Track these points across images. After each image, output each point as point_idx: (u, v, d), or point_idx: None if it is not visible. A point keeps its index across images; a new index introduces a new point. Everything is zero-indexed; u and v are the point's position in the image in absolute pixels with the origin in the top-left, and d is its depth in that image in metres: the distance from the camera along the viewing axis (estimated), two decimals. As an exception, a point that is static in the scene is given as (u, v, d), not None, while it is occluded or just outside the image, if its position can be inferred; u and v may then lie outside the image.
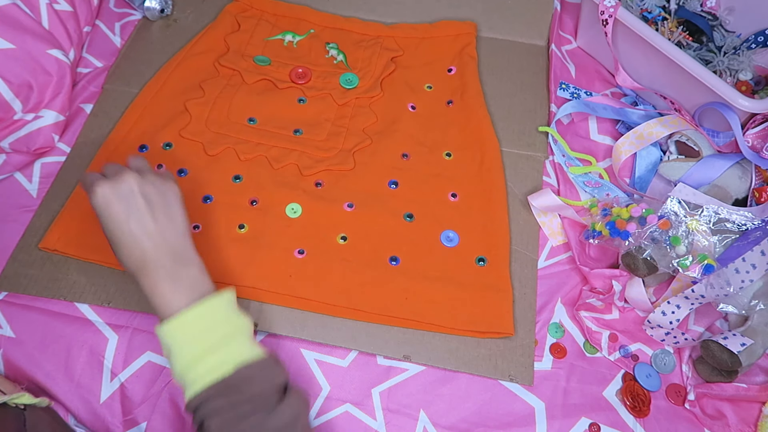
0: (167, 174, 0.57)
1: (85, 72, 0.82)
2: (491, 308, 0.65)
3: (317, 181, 0.74)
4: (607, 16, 0.75)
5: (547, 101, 0.82)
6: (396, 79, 0.83)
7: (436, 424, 0.61)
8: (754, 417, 0.62)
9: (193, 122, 0.77)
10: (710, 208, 0.64)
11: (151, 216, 0.52)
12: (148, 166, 0.57)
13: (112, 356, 0.63)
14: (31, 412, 0.55)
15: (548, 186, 0.75)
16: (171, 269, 0.51)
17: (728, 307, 0.62)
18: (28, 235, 0.68)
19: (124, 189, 0.52)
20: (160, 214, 0.52)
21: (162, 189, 0.54)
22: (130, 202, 0.52)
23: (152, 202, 0.52)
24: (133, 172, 0.53)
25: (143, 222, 0.51)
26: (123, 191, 0.52)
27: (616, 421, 0.62)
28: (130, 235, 0.51)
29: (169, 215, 0.53)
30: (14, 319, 0.64)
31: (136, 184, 0.52)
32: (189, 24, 0.88)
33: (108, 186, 0.52)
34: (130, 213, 0.51)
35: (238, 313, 0.53)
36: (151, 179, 0.54)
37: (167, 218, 0.53)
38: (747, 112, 0.68)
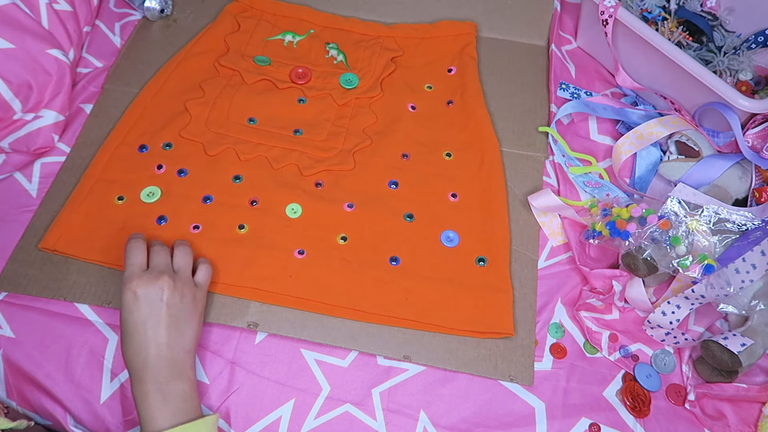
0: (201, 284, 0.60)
1: (85, 72, 0.82)
2: (491, 308, 0.65)
3: (317, 181, 0.74)
4: (607, 16, 0.75)
5: (547, 101, 0.82)
6: (396, 79, 0.83)
7: (436, 424, 0.61)
8: (754, 417, 0.62)
9: (193, 122, 0.76)
10: (710, 208, 0.64)
11: (166, 327, 0.54)
12: (190, 266, 0.60)
13: (112, 356, 0.62)
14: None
15: (548, 186, 0.75)
16: (164, 383, 0.53)
17: (728, 307, 0.62)
18: (28, 235, 0.68)
19: (154, 294, 0.55)
20: (174, 328, 0.55)
21: (188, 303, 0.57)
22: (154, 309, 0.54)
23: (173, 314, 0.55)
24: (170, 279, 0.56)
25: (157, 331, 0.54)
26: (152, 296, 0.55)
27: (616, 421, 0.62)
28: (141, 339, 0.54)
29: (182, 330, 0.56)
30: (14, 319, 0.64)
31: (167, 294, 0.55)
32: (189, 24, 0.88)
33: (142, 285, 0.55)
34: (149, 318, 0.54)
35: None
36: (182, 291, 0.57)
37: (179, 333, 0.55)
38: (747, 112, 0.68)
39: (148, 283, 0.55)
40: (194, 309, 0.58)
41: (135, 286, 0.55)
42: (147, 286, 0.55)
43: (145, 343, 0.54)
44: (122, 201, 0.70)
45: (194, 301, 0.58)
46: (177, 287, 0.56)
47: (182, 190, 0.72)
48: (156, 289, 0.55)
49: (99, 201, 0.70)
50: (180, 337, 0.55)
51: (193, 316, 0.57)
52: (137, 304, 0.54)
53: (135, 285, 0.55)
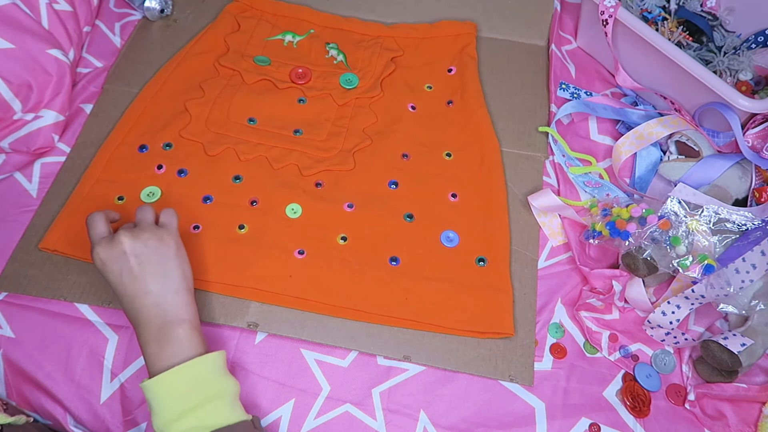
0: (166, 224, 0.59)
1: (85, 72, 0.82)
2: (491, 308, 0.65)
3: (317, 181, 0.74)
4: (607, 16, 0.75)
5: (547, 101, 0.82)
6: (396, 79, 0.83)
7: (436, 424, 0.61)
8: (754, 417, 0.62)
9: (193, 122, 0.76)
10: (710, 208, 0.64)
11: (142, 276, 0.54)
12: (150, 217, 0.59)
13: (112, 356, 0.62)
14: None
15: (548, 186, 0.75)
16: (160, 328, 0.54)
17: (728, 307, 0.62)
18: (28, 235, 0.68)
19: (116, 251, 0.55)
20: (151, 273, 0.55)
21: (154, 246, 0.56)
22: (123, 264, 0.55)
23: (144, 262, 0.55)
24: (127, 232, 0.56)
25: (136, 282, 0.54)
26: (116, 253, 0.55)
27: (616, 421, 0.62)
28: (125, 294, 0.55)
29: (161, 273, 0.55)
30: (14, 319, 0.64)
31: (128, 245, 0.55)
32: (189, 24, 0.88)
33: (102, 248, 0.55)
34: (122, 273, 0.55)
35: (222, 376, 0.54)
36: (143, 237, 0.56)
37: (160, 276, 0.55)
38: (747, 112, 0.68)
39: (108, 244, 0.55)
40: (166, 249, 0.56)
41: (98, 252, 0.55)
42: (108, 247, 0.55)
43: (131, 297, 0.54)
44: (122, 201, 0.70)
45: (162, 242, 0.56)
46: (136, 235, 0.56)
47: (182, 190, 0.72)
48: (116, 245, 0.55)
49: (99, 201, 0.70)
50: (161, 280, 0.55)
51: (167, 257, 0.56)
52: (107, 266, 0.55)
53: (97, 251, 0.55)
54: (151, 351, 0.53)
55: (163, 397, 0.51)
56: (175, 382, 0.52)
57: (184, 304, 0.56)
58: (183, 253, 0.59)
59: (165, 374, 0.51)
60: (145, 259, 0.55)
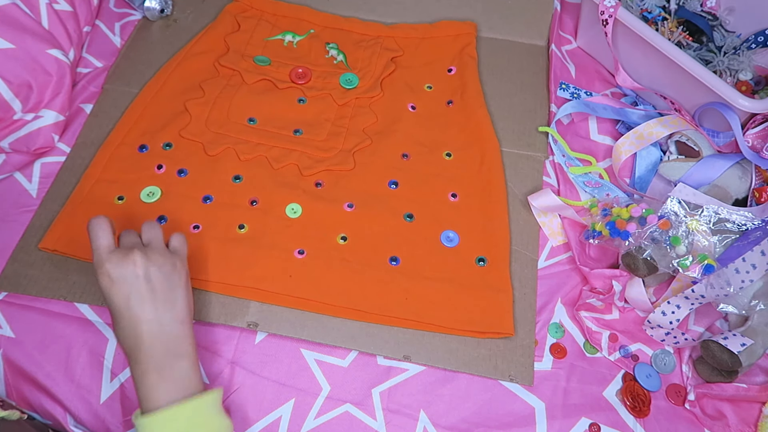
0: (178, 251, 0.57)
1: (85, 72, 0.82)
2: (491, 308, 0.65)
3: (317, 181, 0.74)
4: (607, 16, 0.75)
5: (547, 101, 0.82)
6: (396, 79, 0.83)
7: (436, 424, 0.61)
8: (754, 417, 0.62)
9: (193, 122, 0.77)
10: (710, 208, 0.64)
11: (152, 302, 0.52)
12: (161, 238, 0.57)
13: (112, 356, 0.62)
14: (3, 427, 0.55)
15: (548, 186, 0.75)
16: (161, 361, 0.51)
17: (728, 307, 0.62)
18: (28, 235, 0.68)
19: (128, 272, 0.52)
20: (160, 301, 0.52)
21: (167, 272, 0.53)
22: (133, 287, 0.52)
23: (155, 288, 0.52)
24: (141, 252, 0.53)
25: (143, 308, 0.51)
26: (127, 275, 0.52)
27: (616, 421, 0.62)
28: (129, 319, 0.52)
29: (170, 301, 0.53)
30: (14, 319, 0.64)
31: (141, 268, 0.52)
32: (189, 24, 0.88)
33: (114, 266, 0.52)
34: (131, 296, 0.52)
35: (218, 415, 0.52)
36: (158, 262, 0.53)
37: (168, 305, 0.53)
38: (747, 112, 0.68)
39: (119, 262, 0.52)
40: (177, 278, 0.54)
41: (108, 269, 0.52)
42: (119, 265, 0.52)
43: (134, 323, 0.51)
44: (122, 201, 0.70)
45: (174, 269, 0.54)
46: (151, 259, 0.53)
47: (182, 190, 0.72)
48: (129, 265, 0.52)
49: (99, 201, 0.70)
50: (169, 309, 0.52)
51: (177, 285, 0.54)
52: (115, 287, 0.51)
53: (107, 268, 0.52)
54: (150, 382, 0.50)
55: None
56: (174, 421, 0.50)
57: (187, 336, 0.54)
58: (189, 283, 0.57)
59: (165, 412, 0.49)
60: (158, 284, 0.52)
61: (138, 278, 0.52)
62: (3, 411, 0.56)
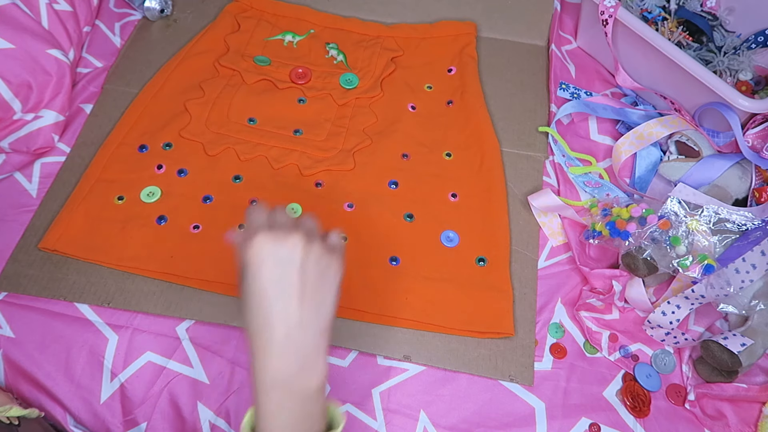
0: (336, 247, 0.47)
1: (85, 72, 0.82)
2: (491, 308, 0.65)
3: (317, 181, 0.74)
4: (607, 16, 0.75)
5: (547, 101, 0.82)
6: (396, 79, 0.83)
7: (436, 424, 0.61)
8: (754, 417, 0.62)
9: (193, 122, 0.77)
10: (710, 208, 0.64)
11: (299, 297, 0.43)
12: (318, 229, 0.47)
13: (112, 356, 0.62)
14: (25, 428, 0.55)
15: (548, 186, 0.75)
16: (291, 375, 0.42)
17: (728, 307, 0.62)
18: (28, 235, 0.68)
19: (284, 255, 0.43)
20: (308, 298, 0.43)
21: (323, 269, 0.44)
22: (285, 272, 0.43)
23: (307, 281, 0.43)
24: (304, 238, 0.44)
25: (288, 303, 0.43)
26: (283, 257, 0.43)
27: (616, 421, 0.62)
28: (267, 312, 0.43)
29: (318, 302, 0.44)
30: (14, 319, 0.64)
31: (300, 254, 0.43)
32: (189, 24, 0.88)
33: (269, 243, 0.43)
34: (278, 283, 0.43)
35: None
36: (317, 253, 0.44)
37: (314, 306, 0.44)
38: (747, 112, 0.68)
39: (277, 240, 0.43)
40: (331, 278, 0.45)
41: (261, 244, 0.43)
42: (277, 244, 0.43)
43: (272, 320, 0.42)
44: (122, 201, 0.70)
45: (329, 268, 0.45)
46: (312, 248, 0.44)
47: (182, 190, 0.72)
48: (287, 246, 0.43)
49: (99, 201, 0.70)
50: (316, 314, 0.43)
51: (329, 287, 0.45)
52: (263, 268, 0.42)
53: (262, 242, 0.43)
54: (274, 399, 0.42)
55: None
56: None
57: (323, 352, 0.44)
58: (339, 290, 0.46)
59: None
60: (311, 278, 0.43)
61: (293, 264, 0.43)
62: (23, 409, 0.56)
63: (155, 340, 0.63)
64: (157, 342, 0.63)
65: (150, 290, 0.66)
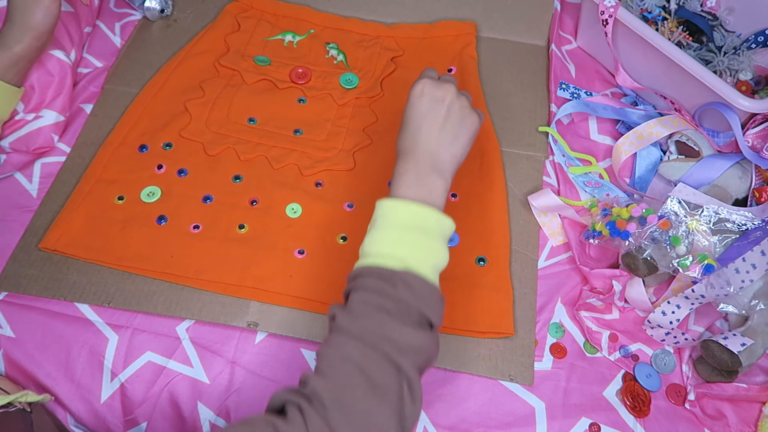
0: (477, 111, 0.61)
1: (85, 72, 0.82)
2: (491, 308, 0.65)
3: (317, 181, 0.74)
4: (607, 16, 0.75)
5: (547, 101, 0.82)
6: (396, 79, 0.83)
7: (436, 424, 0.61)
8: (754, 417, 0.62)
9: (193, 122, 0.77)
10: (710, 208, 0.64)
11: (440, 127, 0.57)
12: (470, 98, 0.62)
13: (112, 356, 0.63)
14: (37, 415, 0.56)
15: (548, 186, 0.75)
16: (423, 170, 0.56)
17: (728, 307, 0.62)
18: (28, 235, 0.68)
19: (438, 94, 0.58)
20: (448, 130, 0.58)
21: (465, 114, 0.59)
22: (434, 106, 0.58)
23: (449, 118, 0.58)
24: (455, 89, 0.60)
25: (431, 125, 0.57)
26: (437, 95, 0.58)
27: (616, 421, 0.62)
28: (414, 130, 0.58)
29: (454, 136, 0.58)
30: (14, 319, 0.64)
31: (449, 98, 0.58)
32: (189, 24, 0.88)
33: (431, 84, 0.59)
34: (428, 113, 0.58)
35: (442, 241, 0.54)
36: (463, 104, 0.59)
37: (451, 136, 0.58)
38: (747, 112, 0.68)
39: (436, 85, 0.59)
40: (468, 125, 0.59)
41: (424, 84, 0.59)
42: (435, 86, 0.59)
43: (418, 134, 0.57)
44: (122, 201, 0.71)
45: (469, 118, 0.59)
46: (460, 99, 0.59)
47: (182, 190, 0.72)
48: (442, 91, 0.59)
49: (99, 201, 0.70)
50: (450, 141, 0.58)
51: (464, 130, 0.59)
52: (421, 99, 0.58)
53: (424, 83, 0.59)
54: (406, 180, 0.55)
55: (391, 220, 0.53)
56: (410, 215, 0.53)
57: (451, 168, 0.58)
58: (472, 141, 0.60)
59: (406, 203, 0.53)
60: (452, 118, 0.58)
61: (442, 103, 0.58)
62: (38, 395, 0.57)
63: (155, 339, 0.64)
64: (157, 342, 0.63)
65: (150, 290, 0.66)
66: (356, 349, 0.46)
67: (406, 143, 0.58)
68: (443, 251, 0.53)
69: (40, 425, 0.55)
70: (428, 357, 0.49)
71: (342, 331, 0.48)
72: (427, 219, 0.53)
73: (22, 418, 0.54)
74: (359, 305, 0.49)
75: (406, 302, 0.48)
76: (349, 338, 0.47)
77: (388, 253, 0.51)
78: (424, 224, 0.53)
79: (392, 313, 0.48)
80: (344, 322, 0.48)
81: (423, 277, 0.50)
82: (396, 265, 0.50)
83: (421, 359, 0.48)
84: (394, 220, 0.53)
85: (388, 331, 0.47)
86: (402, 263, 0.50)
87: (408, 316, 0.48)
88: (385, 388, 0.45)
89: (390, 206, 0.53)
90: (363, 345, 0.47)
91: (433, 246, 0.52)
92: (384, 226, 0.53)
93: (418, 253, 0.51)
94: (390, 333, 0.47)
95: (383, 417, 0.45)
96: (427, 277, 0.50)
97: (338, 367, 0.46)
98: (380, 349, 0.46)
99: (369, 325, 0.47)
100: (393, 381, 0.46)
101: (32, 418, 0.54)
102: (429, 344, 0.49)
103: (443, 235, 0.54)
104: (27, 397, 0.55)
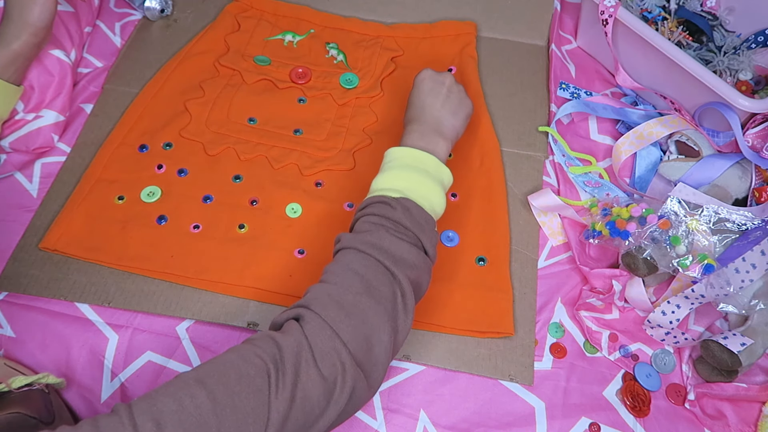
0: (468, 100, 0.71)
1: (85, 72, 0.82)
2: (491, 308, 0.65)
3: (317, 181, 0.74)
4: (607, 16, 0.75)
5: (547, 101, 0.82)
6: (396, 79, 0.83)
7: (436, 424, 0.61)
8: (754, 417, 0.62)
9: (193, 122, 0.77)
10: (710, 207, 0.64)
11: (442, 102, 0.67)
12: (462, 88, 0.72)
13: (112, 356, 0.63)
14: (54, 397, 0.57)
15: (548, 186, 0.75)
16: (427, 130, 0.65)
17: (728, 307, 0.62)
18: (28, 235, 0.68)
19: (439, 79, 0.69)
20: (448, 107, 0.68)
21: (462, 97, 0.70)
22: (436, 87, 0.68)
23: (448, 97, 0.68)
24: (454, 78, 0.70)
25: (435, 100, 0.67)
26: (438, 79, 0.69)
27: (616, 421, 0.62)
28: (420, 104, 0.68)
29: (453, 111, 0.68)
30: (14, 319, 0.64)
31: (448, 82, 0.69)
32: (189, 24, 0.88)
33: (431, 71, 0.70)
34: (432, 91, 0.68)
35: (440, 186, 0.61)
36: (460, 90, 0.70)
37: (451, 112, 0.68)
38: (747, 112, 0.68)
39: (436, 73, 0.70)
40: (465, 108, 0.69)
41: (426, 71, 0.70)
42: (438, 73, 0.70)
43: (423, 106, 0.67)
44: (122, 201, 0.71)
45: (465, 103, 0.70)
46: (458, 86, 0.70)
47: (182, 189, 0.72)
48: (442, 77, 0.69)
49: (99, 201, 0.70)
50: (451, 115, 0.67)
51: (463, 111, 0.69)
52: (425, 81, 0.69)
53: (426, 71, 0.70)
54: (413, 135, 0.64)
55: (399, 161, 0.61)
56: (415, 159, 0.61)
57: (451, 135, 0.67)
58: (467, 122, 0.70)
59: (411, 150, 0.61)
60: (452, 98, 0.68)
61: (443, 85, 0.69)
62: (57, 378, 0.59)
63: (155, 339, 0.64)
64: (158, 342, 0.63)
65: (150, 290, 0.66)
66: (354, 257, 0.53)
67: (413, 114, 0.67)
68: (441, 195, 0.61)
69: (58, 405, 0.57)
70: (420, 275, 0.54)
71: (343, 246, 0.54)
72: (427, 163, 0.61)
73: (42, 397, 0.55)
74: (360, 225, 0.56)
75: (403, 224, 0.55)
76: (348, 250, 0.54)
77: (391, 187, 0.58)
78: (425, 167, 0.60)
79: (390, 230, 0.54)
80: (346, 239, 0.55)
81: (421, 207, 0.57)
82: (396, 195, 0.57)
83: (414, 274, 0.53)
84: (398, 162, 0.61)
85: (385, 244, 0.53)
86: (401, 194, 0.57)
87: (405, 235, 0.55)
88: (381, 292, 0.51)
89: (396, 151, 0.62)
90: (360, 253, 0.53)
91: (431, 186, 0.60)
92: (389, 168, 0.61)
93: (417, 188, 0.59)
94: (386, 245, 0.53)
95: (378, 317, 0.49)
96: (422, 207, 0.57)
97: (338, 274, 0.52)
98: (376, 257, 0.52)
99: (367, 238, 0.53)
100: (387, 287, 0.51)
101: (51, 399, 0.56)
102: (422, 264, 0.55)
103: (442, 182, 0.62)
104: (47, 379, 0.58)
